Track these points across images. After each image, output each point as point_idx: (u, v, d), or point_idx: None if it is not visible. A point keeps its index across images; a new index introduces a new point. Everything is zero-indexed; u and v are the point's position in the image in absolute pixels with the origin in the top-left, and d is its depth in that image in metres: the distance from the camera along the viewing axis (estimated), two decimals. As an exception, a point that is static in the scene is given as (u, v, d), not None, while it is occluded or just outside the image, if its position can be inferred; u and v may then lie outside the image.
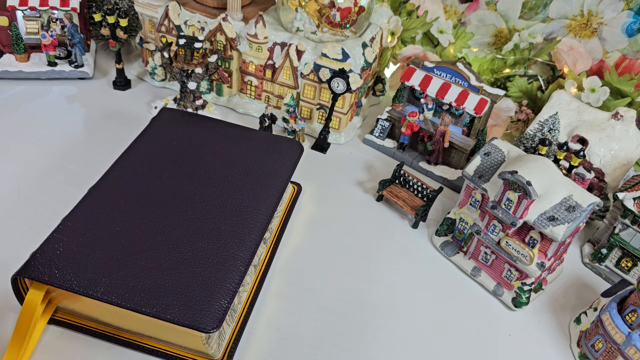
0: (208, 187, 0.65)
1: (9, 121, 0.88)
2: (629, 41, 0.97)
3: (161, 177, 0.65)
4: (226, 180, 0.66)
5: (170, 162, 0.68)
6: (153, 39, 1.00)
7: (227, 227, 0.61)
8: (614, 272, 0.78)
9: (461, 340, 0.67)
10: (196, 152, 0.70)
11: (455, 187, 0.89)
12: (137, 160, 0.67)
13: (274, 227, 0.74)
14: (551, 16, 1.02)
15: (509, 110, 0.99)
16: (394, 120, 0.95)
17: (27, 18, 0.98)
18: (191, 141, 0.72)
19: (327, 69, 0.89)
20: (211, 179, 0.66)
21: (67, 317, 0.59)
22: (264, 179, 0.68)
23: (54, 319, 0.59)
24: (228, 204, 0.63)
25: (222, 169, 0.68)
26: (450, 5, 1.09)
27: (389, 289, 0.71)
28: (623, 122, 0.83)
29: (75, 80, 1.01)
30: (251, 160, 0.71)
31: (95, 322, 0.59)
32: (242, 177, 0.67)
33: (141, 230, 0.58)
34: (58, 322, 0.59)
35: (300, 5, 0.89)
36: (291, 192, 0.81)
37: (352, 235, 0.78)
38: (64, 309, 0.59)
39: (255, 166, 0.70)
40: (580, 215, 0.64)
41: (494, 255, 0.72)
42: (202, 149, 0.71)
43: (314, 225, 0.78)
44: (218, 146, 0.72)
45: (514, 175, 0.64)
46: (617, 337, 0.61)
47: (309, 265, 0.72)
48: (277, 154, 0.73)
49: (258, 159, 0.71)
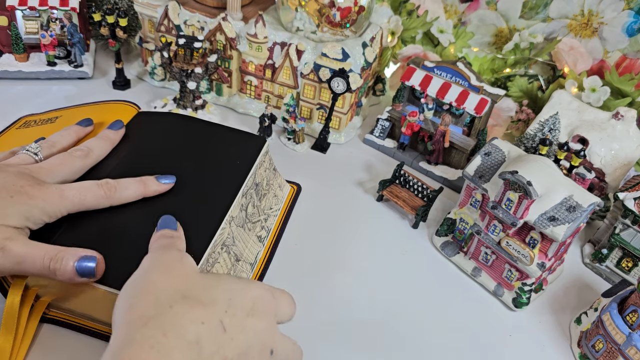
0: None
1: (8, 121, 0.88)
2: (630, 41, 0.97)
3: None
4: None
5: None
6: (153, 38, 1.00)
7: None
8: (614, 272, 0.78)
9: (461, 341, 0.66)
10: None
11: (455, 187, 0.89)
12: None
13: (273, 226, 0.73)
14: (552, 16, 1.02)
15: (509, 110, 0.99)
16: (394, 120, 0.95)
17: (27, 18, 0.97)
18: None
19: (327, 68, 0.88)
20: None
21: (62, 315, 0.58)
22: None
23: (47, 317, 0.58)
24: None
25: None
26: (451, 4, 1.09)
27: (389, 289, 0.71)
28: (624, 122, 0.83)
29: (74, 80, 1.01)
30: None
31: (90, 320, 0.58)
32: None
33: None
34: (53, 320, 0.58)
35: (300, 5, 0.89)
36: (290, 191, 0.81)
37: (352, 235, 0.78)
38: (58, 307, 0.58)
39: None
40: (581, 216, 0.64)
41: (495, 256, 0.72)
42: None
43: (313, 225, 0.78)
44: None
45: (515, 176, 0.64)
46: (618, 337, 0.61)
47: (308, 265, 0.72)
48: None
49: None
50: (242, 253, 0.64)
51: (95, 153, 0.63)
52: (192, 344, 0.40)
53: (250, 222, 0.67)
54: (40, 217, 0.53)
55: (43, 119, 0.78)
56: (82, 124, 0.69)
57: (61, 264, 0.50)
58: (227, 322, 0.42)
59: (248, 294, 0.45)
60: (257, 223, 0.69)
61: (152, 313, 0.41)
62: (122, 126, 0.68)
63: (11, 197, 0.52)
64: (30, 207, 0.52)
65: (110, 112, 0.75)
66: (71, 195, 0.55)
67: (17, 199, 0.52)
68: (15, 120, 0.81)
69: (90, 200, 0.56)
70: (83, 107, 0.80)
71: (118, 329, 0.41)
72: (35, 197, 0.53)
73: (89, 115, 0.71)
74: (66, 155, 0.61)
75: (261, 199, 0.71)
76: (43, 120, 0.77)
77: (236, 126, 0.95)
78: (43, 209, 0.53)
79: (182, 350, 0.39)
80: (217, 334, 0.41)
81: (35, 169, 0.57)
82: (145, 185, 0.59)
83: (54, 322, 0.58)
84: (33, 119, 0.79)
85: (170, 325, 0.40)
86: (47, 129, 0.74)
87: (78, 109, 0.80)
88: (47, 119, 0.78)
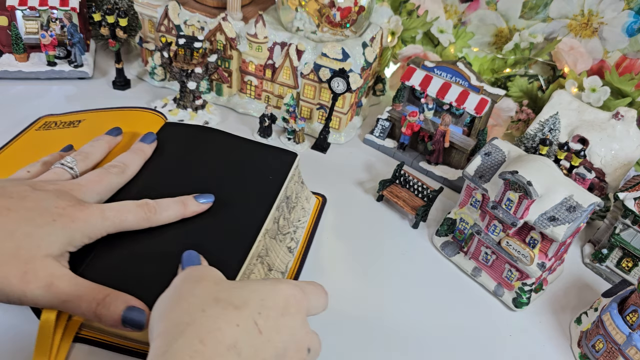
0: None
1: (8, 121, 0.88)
2: (630, 41, 0.97)
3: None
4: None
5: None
6: (153, 38, 1.00)
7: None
8: (614, 272, 0.78)
9: (461, 341, 0.66)
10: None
11: (455, 187, 0.89)
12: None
13: (301, 238, 0.73)
14: (552, 16, 1.02)
15: (509, 110, 0.99)
16: (394, 120, 0.95)
17: (27, 18, 0.97)
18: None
19: (327, 68, 0.88)
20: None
21: (93, 333, 0.57)
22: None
23: (80, 336, 0.56)
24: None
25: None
26: (451, 4, 1.09)
27: (389, 289, 0.71)
28: (624, 122, 0.83)
29: (74, 80, 1.01)
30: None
31: (121, 338, 0.56)
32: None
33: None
34: (84, 339, 0.56)
35: (300, 5, 0.89)
36: (316, 203, 0.79)
37: (352, 235, 0.78)
38: (90, 326, 0.57)
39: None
40: (581, 216, 0.64)
41: (495, 256, 0.72)
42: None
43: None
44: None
45: (515, 176, 0.64)
46: (618, 337, 0.61)
47: (308, 265, 0.72)
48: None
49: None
50: (274, 263, 0.64)
51: (131, 169, 0.62)
52: (230, 348, 0.39)
53: (281, 234, 0.67)
54: (81, 240, 0.52)
55: (64, 121, 0.77)
56: (113, 134, 0.68)
57: (108, 309, 0.48)
58: (261, 324, 0.42)
59: (279, 293, 0.45)
60: (287, 235, 0.69)
61: (186, 320, 0.40)
62: (155, 139, 0.67)
63: (54, 220, 0.50)
64: (73, 230, 0.51)
65: (135, 120, 0.74)
66: (112, 216, 0.54)
67: (59, 222, 0.50)
68: (34, 120, 0.78)
69: (131, 221, 0.55)
70: (106, 111, 0.79)
71: (155, 341, 0.41)
72: (78, 220, 0.51)
73: (113, 121, 0.70)
74: (103, 172, 0.59)
75: (291, 211, 0.71)
76: (65, 123, 0.76)
77: (236, 126, 0.96)
78: (85, 231, 0.52)
79: (221, 356, 0.39)
80: (254, 336, 0.41)
81: (74, 186, 0.55)
82: (185, 206, 0.58)
83: (86, 341, 0.56)
84: (53, 121, 0.77)
85: (206, 331, 0.39)
86: (69, 133, 0.73)
87: (101, 113, 0.78)
88: (69, 121, 0.76)
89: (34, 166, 0.60)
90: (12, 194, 0.51)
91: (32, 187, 0.53)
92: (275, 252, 0.65)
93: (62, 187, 0.55)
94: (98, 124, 0.71)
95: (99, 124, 0.71)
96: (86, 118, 0.76)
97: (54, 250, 0.49)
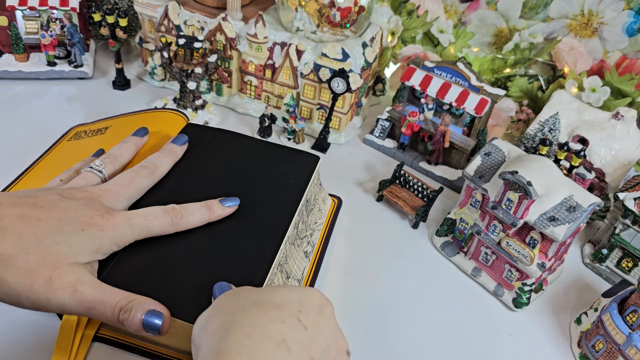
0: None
1: (8, 121, 0.88)
2: (630, 41, 0.97)
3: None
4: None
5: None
6: (153, 38, 1.00)
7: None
8: (614, 272, 0.78)
9: (461, 341, 0.66)
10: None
11: (455, 187, 0.89)
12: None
13: (317, 241, 0.72)
14: (552, 16, 1.02)
15: (509, 110, 0.99)
16: (394, 120, 0.95)
17: (27, 18, 0.97)
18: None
19: (327, 68, 0.88)
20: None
21: (113, 334, 0.57)
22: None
23: (99, 336, 0.57)
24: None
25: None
26: (451, 4, 1.09)
27: (389, 289, 0.71)
28: (624, 122, 0.83)
29: (74, 80, 1.01)
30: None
31: (141, 340, 0.56)
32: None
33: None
34: (104, 339, 0.57)
35: (300, 5, 0.89)
36: (332, 205, 0.79)
37: (352, 235, 0.78)
38: (109, 326, 0.57)
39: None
40: (581, 216, 0.64)
41: (495, 256, 0.72)
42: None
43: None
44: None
45: (515, 176, 0.64)
46: (618, 337, 0.61)
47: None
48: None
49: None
50: (292, 270, 0.64)
51: (161, 170, 0.62)
52: (280, 344, 0.39)
53: (299, 239, 0.67)
54: (110, 248, 0.53)
55: (93, 129, 0.77)
56: (139, 134, 0.68)
57: (129, 314, 0.48)
58: (305, 321, 0.42)
59: (314, 295, 0.46)
60: (304, 239, 0.69)
61: (228, 319, 0.41)
62: (186, 141, 0.67)
63: (82, 230, 0.50)
64: (101, 239, 0.51)
65: (159, 121, 0.74)
66: (139, 223, 0.54)
67: (88, 231, 0.51)
68: (66, 131, 0.79)
69: (157, 227, 0.55)
70: (131, 116, 0.79)
71: (199, 348, 0.41)
72: (106, 228, 0.52)
73: (138, 125, 0.70)
74: (132, 174, 0.60)
75: (309, 214, 0.70)
76: (93, 132, 0.76)
77: (236, 126, 0.96)
78: (113, 239, 0.52)
79: (271, 350, 0.38)
80: (300, 332, 0.41)
81: (103, 192, 0.56)
82: (210, 210, 0.58)
83: (105, 341, 0.57)
84: (83, 130, 0.78)
85: (250, 327, 0.39)
86: (98, 140, 0.73)
87: (126, 118, 0.79)
88: (97, 129, 0.77)
89: (66, 173, 0.61)
90: (42, 203, 0.51)
91: (62, 195, 0.53)
92: (293, 258, 0.65)
93: (91, 194, 0.55)
94: (124, 128, 0.72)
95: (124, 128, 0.71)
96: (112, 124, 0.77)
97: (82, 258, 0.50)
